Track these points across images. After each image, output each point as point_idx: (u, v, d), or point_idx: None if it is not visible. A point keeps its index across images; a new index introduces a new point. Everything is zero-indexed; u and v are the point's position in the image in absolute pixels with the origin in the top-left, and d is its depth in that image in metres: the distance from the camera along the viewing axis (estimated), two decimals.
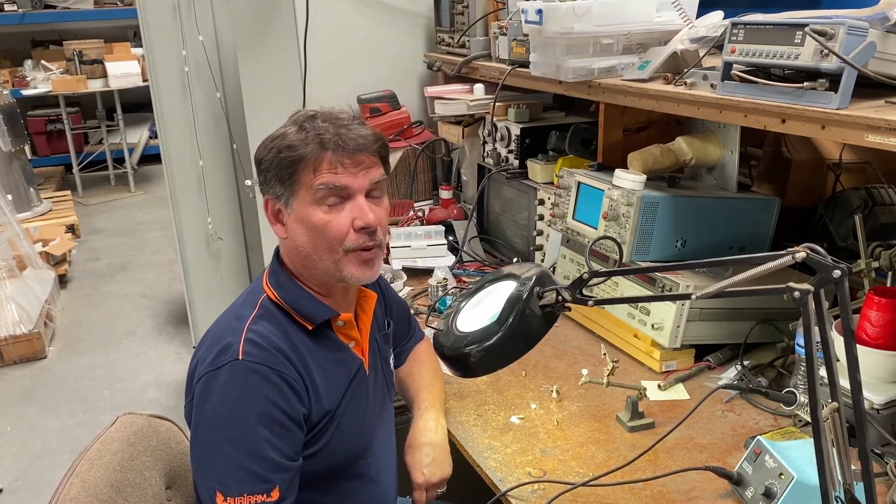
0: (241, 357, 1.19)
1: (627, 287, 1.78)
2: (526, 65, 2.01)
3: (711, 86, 1.51)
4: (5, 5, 6.76)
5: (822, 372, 1.02)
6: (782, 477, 1.20)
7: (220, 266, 3.61)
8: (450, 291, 2.10)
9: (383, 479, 1.44)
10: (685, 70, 1.61)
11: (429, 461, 1.42)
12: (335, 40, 2.72)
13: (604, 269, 1.36)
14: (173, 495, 1.40)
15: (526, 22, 1.86)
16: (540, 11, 1.77)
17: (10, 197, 4.73)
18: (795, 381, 1.54)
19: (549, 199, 2.13)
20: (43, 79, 6.43)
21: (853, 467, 1.01)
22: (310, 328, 1.29)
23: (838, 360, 1.06)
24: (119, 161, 6.87)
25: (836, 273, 0.91)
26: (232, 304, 1.35)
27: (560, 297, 1.18)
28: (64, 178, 6.76)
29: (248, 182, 2.82)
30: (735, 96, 1.42)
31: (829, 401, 0.98)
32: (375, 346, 1.44)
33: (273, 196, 1.28)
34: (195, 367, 1.25)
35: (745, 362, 1.69)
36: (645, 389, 1.54)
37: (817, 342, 0.93)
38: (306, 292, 1.31)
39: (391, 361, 1.52)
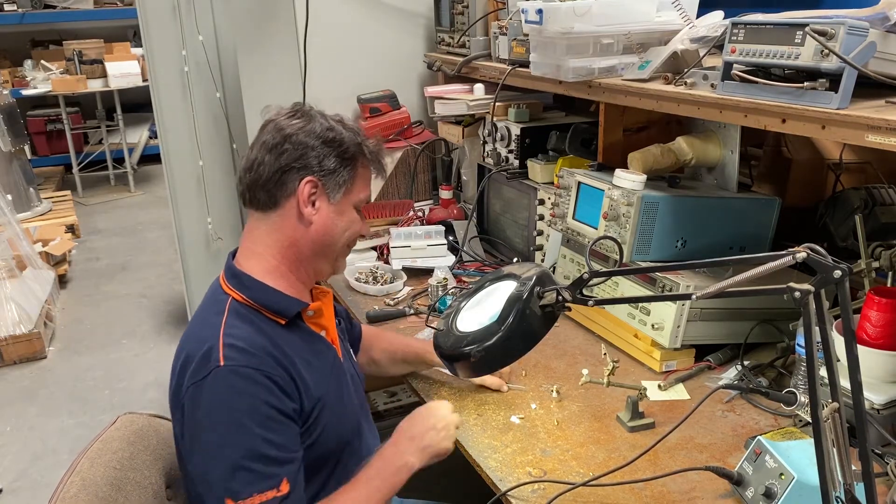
0: (222, 363, 1.18)
1: (627, 287, 1.78)
2: (526, 65, 2.01)
3: (712, 86, 1.51)
4: (5, 5, 6.76)
5: (823, 372, 1.02)
6: (782, 477, 1.20)
7: (220, 266, 3.58)
8: (450, 291, 2.10)
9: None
10: (685, 70, 1.61)
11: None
12: (335, 40, 2.73)
13: (604, 269, 1.36)
14: (174, 494, 1.40)
15: (526, 22, 1.86)
16: (540, 11, 1.77)
17: (10, 197, 4.73)
18: (796, 381, 1.53)
19: (549, 199, 2.13)
20: (43, 79, 6.43)
21: (853, 467, 1.01)
22: (283, 323, 1.30)
23: (838, 361, 1.06)
24: (119, 161, 6.87)
25: (837, 273, 0.91)
26: (194, 317, 1.35)
27: (560, 297, 1.19)
28: (64, 178, 6.76)
29: None
30: (735, 96, 1.42)
31: (830, 401, 0.98)
32: (341, 336, 1.48)
33: (324, 183, 1.30)
34: (178, 385, 1.24)
35: (746, 362, 1.69)
36: (645, 389, 1.53)
37: (817, 342, 0.94)
38: (271, 289, 1.31)
39: (352, 353, 1.56)
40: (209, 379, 1.18)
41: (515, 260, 2.25)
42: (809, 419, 1.21)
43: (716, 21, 1.66)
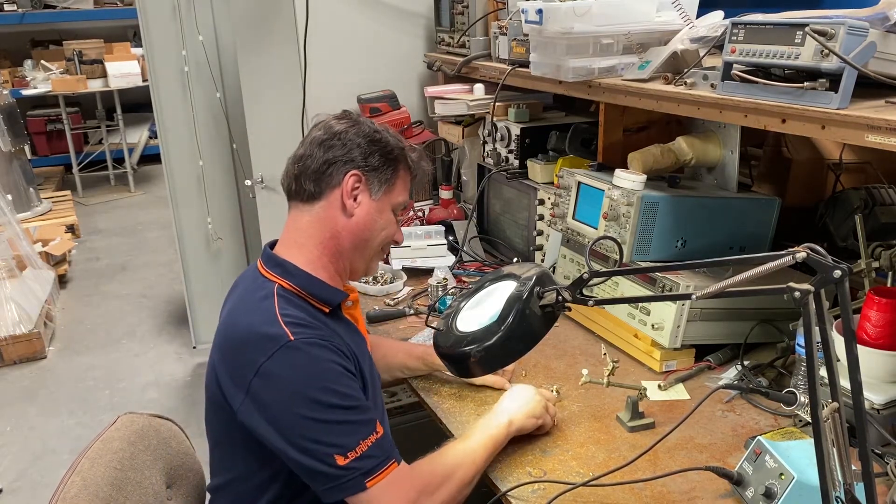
0: (292, 338, 1.22)
1: (627, 287, 1.78)
2: (526, 65, 2.01)
3: (711, 86, 1.51)
4: (5, 5, 6.77)
5: (823, 372, 1.02)
6: (782, 477, 1.20)
7: (220, 266, 3.62)
8: (450, 291, 2.10)
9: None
10: (685, 70, 1.61)
11: None
12: (335, 40, 2.73)
13: (604, 269, 1.37)
14: (174, 494, 1.40)
15: (526, 22, 1.86)
16: (540, 11, 1.77)
17: (10, 197, 4.74)
18: (795, 381, 1.54)
19: (549, 199, 2.13)
20: (43, 79, 6.43)
21: (853, 467, 1.01)
22: (326, 311, 1.35)
23: (838, 360, 1.06)
24: (119, 161, 6.88)
25: (837, 273, 0.91)
26: (235, 304, 1.36)
27: (560, 297, 1.19)
28: (64, 178, 6.76)
29: (248, 182, 2.82)
30: (735, 96, 1.42)
31: (830, 401, 0.98)
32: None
33: (368, 177, 1.36)
34: (235, 367, 1.26)
35: (746, 362, 1.69)
36: (645, 389, 1.53)
37: (817, 342, 0.94)
38: (315, 278, 1.35)
39: None
40: (281, 354, 1.21)
41: (515, 260, 2.25)
42: (809, 419, 1.21)
43: (716, 21, 1.66)
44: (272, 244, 1.42)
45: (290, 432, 1.21)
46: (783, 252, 0.95)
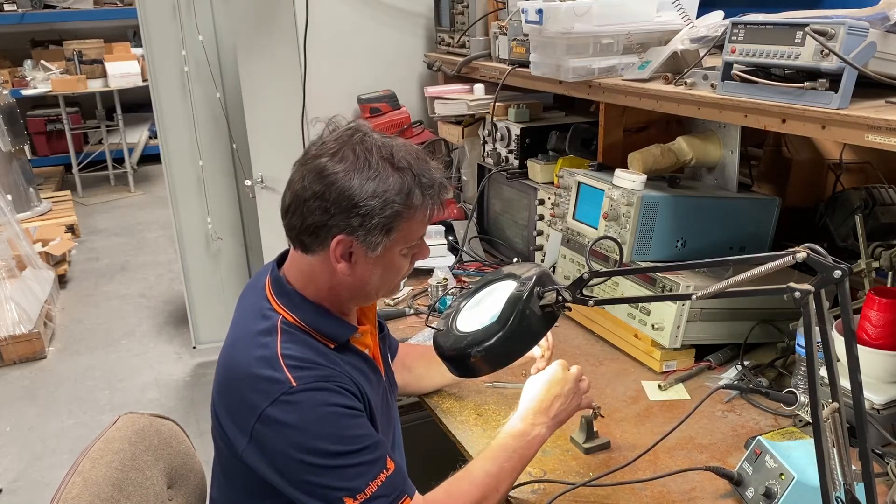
0: (295, 384, 1.17)
1: (627, 287, 1.78)
2: (526, 65, 2.01)
3: (712, 86, 1.51)
4: (5, 5, 6.77)
5: (823, 372, 1.02)
6: (783, 477, 1.20)
7: (220, 266, 3.62)
8: (450, 291, 2.10)
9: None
10: (685, 70, 1.61)
11: None
12: (335, 40, 2.73)
13: (604, 269, 1.37)
14: (174, 494, 1.40)
15: (526, 22, 1.86)
16: (540, 11, 1.77)
17: (9, 197, 4.73)
18: (796, 381, 1.54)
19: (549, 199, 2.13)
20: (43, 79, 6.43)
21: (853, 467, 1.01)
22: (332, 346, 1.28)
23: (839, 361, 1.06)
24: (119, 161, 6.88)
25: (837, 273, 0.91)
26: (239, 332, 1.30)
27: (560, 297, 1.19)
28: (63, 178, 6.76)
29: (248, 182, 2.82)
30: (735, 96, 1.42)
31: (830, 401, 0.98)
32: (382, 348, 1.46)
33: (361, 240, 1.20)
34: (238, 412, 1.22)
35: (746, 362, 1.69)
36: (599, 408, 1.47)
37: (818, 342, 0.94)
38: (324, 312, 1.29)
39: (389, 362, 1.53)
40: (283, 401, 1.17)
41: (515, 260, 2.25)
42: (809, 419, 1.21)
43: (716, 21, 1.66)
44: (282, 258, 1.34)
45: (296, 478, 1.18)
46: (783, 252, 0.95)
